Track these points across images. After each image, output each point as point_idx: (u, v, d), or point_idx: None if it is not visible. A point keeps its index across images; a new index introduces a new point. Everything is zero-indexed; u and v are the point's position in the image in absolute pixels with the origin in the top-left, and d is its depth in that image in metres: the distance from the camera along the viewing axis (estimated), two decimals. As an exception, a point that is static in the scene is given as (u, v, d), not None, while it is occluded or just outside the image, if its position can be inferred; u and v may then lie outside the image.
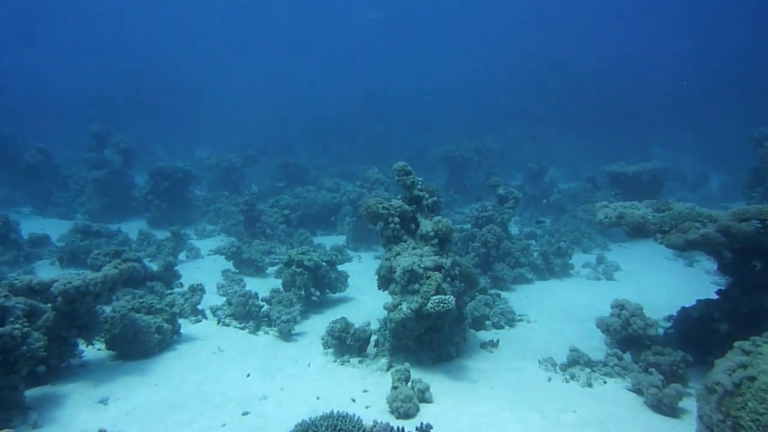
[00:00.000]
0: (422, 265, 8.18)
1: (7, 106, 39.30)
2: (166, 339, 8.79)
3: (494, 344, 9.30)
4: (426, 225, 8.91)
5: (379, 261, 15.42)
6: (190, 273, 13.41)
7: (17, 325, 6.31)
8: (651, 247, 16.29)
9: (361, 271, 13.97)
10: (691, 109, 42.64)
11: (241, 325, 9.91)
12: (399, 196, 9.49)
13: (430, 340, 8.46)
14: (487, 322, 10.30)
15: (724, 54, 51.72)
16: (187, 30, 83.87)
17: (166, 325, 8.75)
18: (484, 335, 9.85)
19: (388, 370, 8.24)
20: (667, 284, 12.94)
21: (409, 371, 7.44)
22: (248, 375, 7.99)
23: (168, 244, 14.24)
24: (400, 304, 8.21)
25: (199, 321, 10.16)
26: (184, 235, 15.17)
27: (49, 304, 7.48)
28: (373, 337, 9.13)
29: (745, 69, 44.13)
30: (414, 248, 8.73)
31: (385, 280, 9.10)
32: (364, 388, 7.70)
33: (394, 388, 7.22)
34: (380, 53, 76.22)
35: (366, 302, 11.94)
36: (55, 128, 40.04)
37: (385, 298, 11.62)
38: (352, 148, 37.84)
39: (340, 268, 12.31)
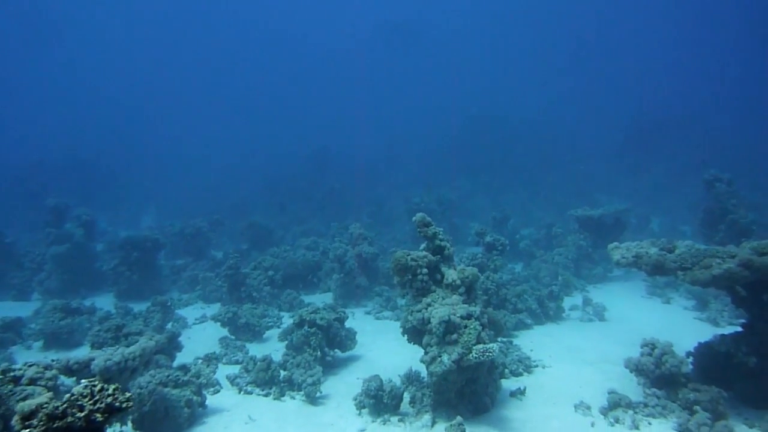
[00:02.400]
0: (458, 315, 8.32)
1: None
2: (195, 413, 8.31)
3: (522, 392, 9.43)
4: (451, 274, 9.12)
5: (370, 317, 15.59)
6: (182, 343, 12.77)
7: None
8: (623, 287, 17.34)
9: (359, 328, 13.74)
10: (622, 156, 46.08)
11: (264, 392, 9.54)
12: (417, 249, 9.63)
13: (470, 392, 8.49)
14: (506, 370, 10.44)
15: (649, 101, 57.08)
16: (125, 90, 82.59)
17: (195, 398, 8.30)
18: (506, 383, 9.96)
19: (432, 425, 8.17)
20: (654, 322, 13.59)
21: (463, 426, 7.42)
22: None
23: (155, 316, 13.55)
24: (440, 356, 8.25)
25: (218, 391, 9.68)
26: (171, 305, 14.50)
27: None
28: (406, 394, 9.04)
29: (665, 118, 48.60)
30: (444, 298, 8.87)
31: (414, 333, 9.10)
32: (417, 445, 7.59)
33: (452, 442, 7.17)
34: (327, 110, 77.94)
35: (375, 359, 11.80)
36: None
37: (395, 352, 11.70)
38: (307, 205, 37.89)
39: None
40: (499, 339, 11.00)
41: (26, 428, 3.27)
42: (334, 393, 9.82)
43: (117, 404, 3.36)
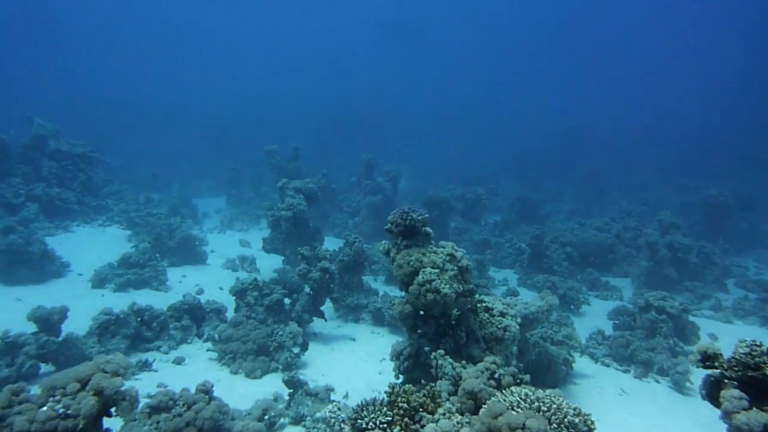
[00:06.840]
0: None
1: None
2: (569, 372, 8.61)
3: None
4: None
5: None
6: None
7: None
8: None
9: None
10: None
11: (623, 368, 9.44)
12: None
13: None
14: None
15: None
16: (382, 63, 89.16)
17: (570, 358, 8.58)
18: None
19: None
20: None
21: None
22: None
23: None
24: None
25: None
26: (486, 264, 15.38)
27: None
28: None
29: None
30: None
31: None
32: None
33: None
34: (581, 90, 73.74)
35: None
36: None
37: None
38: (558, 183, 36.69)
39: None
40: None
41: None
42: (695, 387, 9.23)
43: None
